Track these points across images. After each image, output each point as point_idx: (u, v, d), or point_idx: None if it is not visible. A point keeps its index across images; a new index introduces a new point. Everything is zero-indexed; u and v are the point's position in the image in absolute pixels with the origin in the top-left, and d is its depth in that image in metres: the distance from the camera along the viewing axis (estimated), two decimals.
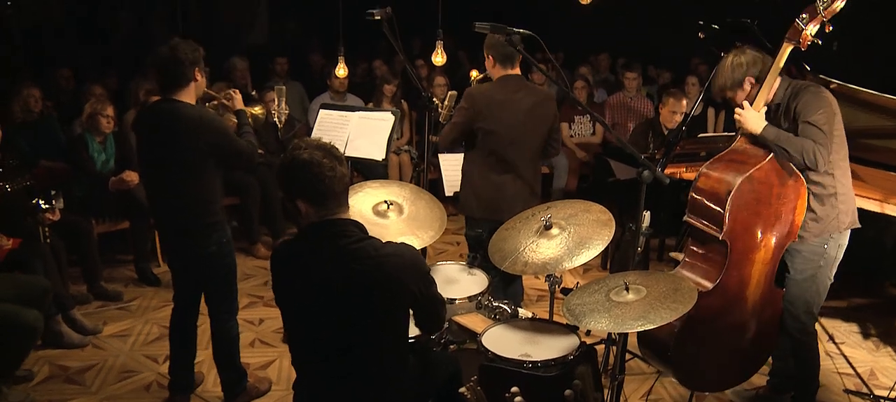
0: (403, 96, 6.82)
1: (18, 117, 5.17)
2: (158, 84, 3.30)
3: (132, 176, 4.91)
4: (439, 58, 4.68)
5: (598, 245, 2.90)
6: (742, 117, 3.08)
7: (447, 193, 4.32)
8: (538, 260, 2.95)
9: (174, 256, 3.50)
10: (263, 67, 7.56)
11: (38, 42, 8.59)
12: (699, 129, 6.33)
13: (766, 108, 3.09)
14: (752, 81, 3.11)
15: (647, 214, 3.06)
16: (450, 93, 4.00)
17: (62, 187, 4.47)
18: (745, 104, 3.09)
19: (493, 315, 3.09)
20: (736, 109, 3.12)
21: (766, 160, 3.02)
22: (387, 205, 3.23)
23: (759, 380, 3.63)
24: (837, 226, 3.16)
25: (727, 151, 3.19)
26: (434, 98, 3.96)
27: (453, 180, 4.24)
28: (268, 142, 5.75)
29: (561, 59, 8.42)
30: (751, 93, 3.11)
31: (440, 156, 4.40)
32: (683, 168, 4.95)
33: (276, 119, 4.16)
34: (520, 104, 3.59)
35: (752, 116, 3.05)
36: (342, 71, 5.39)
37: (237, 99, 3.62)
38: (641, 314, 2.50)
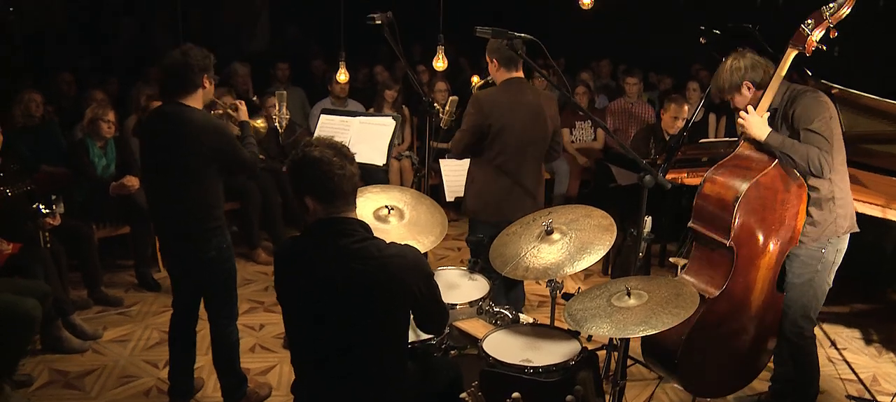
0: (404, 102, 6.83)
1: (20, 122, 5.19)
2: (162, 88, 3.30)
3: (133, 181, 4.92)
4: (440, 63, 4.68)
5: (599, 250, 2.89)
6: (746, 123, 3.06)
7: (448, 199, 4.33)
8: (539, 265, 2.94)
9: (174, 260, 3.49)
10: (264, 72, 7.58)
11: (39, 47, 8.61)
12: (700, 134, 6.33)
13: (767, 113, 3.09)
14: (750, 85, 3.09)
15: (648, 219, 3.05)
16: (451, 98, 4.01)
17: (63, 192, 4.46)
18: (749, 109, 3.06)
19: (494, 321, 3.08)
20: (740, 114, 3.10)
21: (772, 166, 3.01)
22: (388, 210, 3.23)
23: (761, 385, 3.62)
24: (835, 230, 3.15)
25: (731, 156, 3.17)
26: (435, 103, 3.97)
27: (454, 186, 4.24)
28: (269, 147, 5.75)
29: (562, 64, 8.42)
30: (752, 98, 3.10)
31: (441, 161, 4.40)
32: (685, 173, 4.96)
33: (277, 124, 4.16)
34: (525, 105, 3.63)
35: (756, 121, 3.04)
36: (343, 76, 5.39)
37: (242, 110, 3.64)
38: (643, 320, 2.51)
